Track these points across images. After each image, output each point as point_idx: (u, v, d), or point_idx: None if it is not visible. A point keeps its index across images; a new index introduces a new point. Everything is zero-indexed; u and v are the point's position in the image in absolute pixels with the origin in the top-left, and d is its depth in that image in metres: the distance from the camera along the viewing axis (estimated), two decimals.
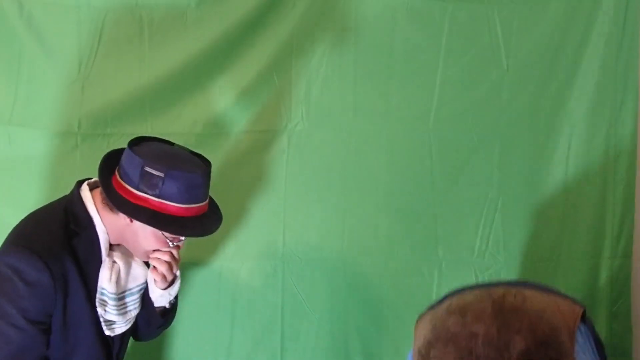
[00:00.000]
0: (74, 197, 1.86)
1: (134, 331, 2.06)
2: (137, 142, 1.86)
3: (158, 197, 1.76)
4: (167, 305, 2.02)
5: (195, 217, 1.83)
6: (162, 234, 1.83)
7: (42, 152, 2.35)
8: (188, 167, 1.82)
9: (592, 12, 2.60)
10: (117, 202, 1.78)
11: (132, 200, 1.77)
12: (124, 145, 1.86)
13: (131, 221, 1.81)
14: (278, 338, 2.59)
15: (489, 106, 2.60)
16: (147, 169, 1.76)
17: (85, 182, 1.88)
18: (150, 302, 1.98)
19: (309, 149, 2.55)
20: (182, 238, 1.89)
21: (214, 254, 2.52)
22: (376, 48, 2.54)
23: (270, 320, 2.58)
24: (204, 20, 2.42)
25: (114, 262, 1.87)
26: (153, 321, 2.03)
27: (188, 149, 1.93)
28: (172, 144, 1.92)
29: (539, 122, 2.63)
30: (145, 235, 1.84)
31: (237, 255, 2.53)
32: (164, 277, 1.92)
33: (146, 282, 1.97)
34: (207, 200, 1.88)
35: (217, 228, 1.91)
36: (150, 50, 2.41)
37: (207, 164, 1.90)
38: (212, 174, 2.44)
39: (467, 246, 2.64)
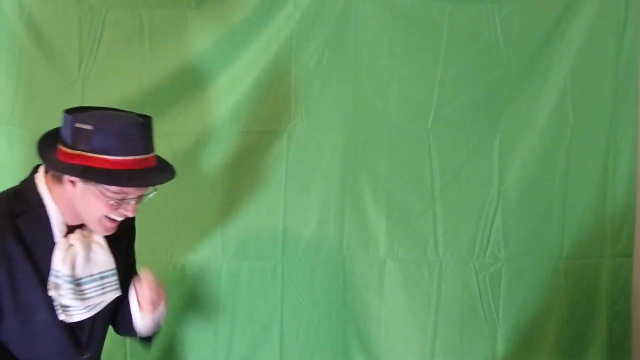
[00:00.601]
0: (27, 179, 1.83)
1: (114, 326, 2.02)
2: (79, 110, 1.81)
3: (91, 151, 1.71)
4: (150, 334, 1.98)
5: (134, 170, 1.75)
6: (103, 193, 1.75)
7: None
8: (119, 119, 1.76)
9: (591, 12, 2.59)
10: (50, 162, 1.75)
11: (67, 160, 1.73)
12: None
13: (73, 186, 1.75)
14: (277, 337, 2.59)
15: (489, 106, 2.60)
16: (77, 124, 1.72)
17: (42, 166, 1.84)
18: (132, 323, 1.94)
19: (309, 149, 2.55)
20: (132, 201, 1.79)
21: (214, 253, 2.53)
22: (376, 48, 2.54)
23: (270, 319, 2.58)
24: (204, 20, 2.43)
25: (71, 244, 1.81)
26: (133, 335, 2.00)
27: (134, 112, 1.85)
28: (121, 111, 1.86)
29: (538, 121, 2.63)
30: (88, 199, 1.76)
31: (237, 255, 2.54)
32: (151, 301, 1.88)
33: (110, 269, 1.89)
34: (150, 155, 1.79)
35: (162, 180, 1.79)
36: (150, 50, 2.42)
37: (146, 117, 1.81)
38: (212, 174, 2.46)
39: (467, 246, 2.64)
